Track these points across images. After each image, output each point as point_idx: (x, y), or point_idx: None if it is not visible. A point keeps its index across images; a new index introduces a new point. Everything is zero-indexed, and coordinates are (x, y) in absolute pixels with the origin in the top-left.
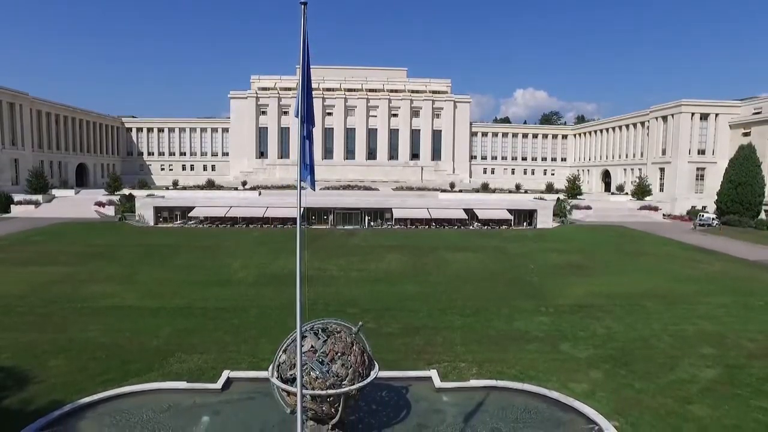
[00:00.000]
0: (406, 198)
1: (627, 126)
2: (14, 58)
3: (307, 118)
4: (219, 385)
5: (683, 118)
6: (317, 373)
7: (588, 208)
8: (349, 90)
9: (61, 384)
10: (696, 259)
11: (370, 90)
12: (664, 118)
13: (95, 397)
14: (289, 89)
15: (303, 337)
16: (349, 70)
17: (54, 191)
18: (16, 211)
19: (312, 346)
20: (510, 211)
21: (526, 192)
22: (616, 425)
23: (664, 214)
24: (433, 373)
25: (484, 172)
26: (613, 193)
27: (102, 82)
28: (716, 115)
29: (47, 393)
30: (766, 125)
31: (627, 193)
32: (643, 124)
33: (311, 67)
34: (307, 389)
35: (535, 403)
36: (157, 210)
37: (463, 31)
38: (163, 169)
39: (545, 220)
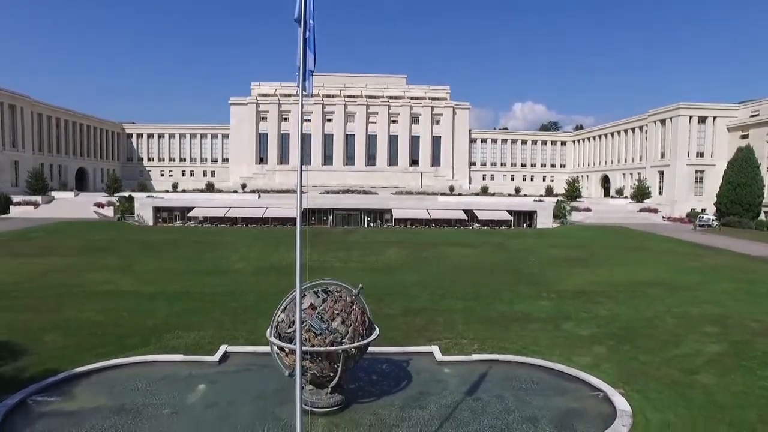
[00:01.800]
0: (405, 200)
1: (625, 131)
2: (16, 61)
3: (308, 21)
4: (216, 357)
5: (681, 121)
6: (317, 330)
7: (588, 210)
8: (349, 96)
9: (56, 356)
10: (697, 254)
11: (370, 96)
12: (663, 121)
13: (90, 366)
14: (289, 95)
15: (302, 296)
16: (349, 77)
17: (53, 193)
18: (14, 211)
19: (311, 304)
20: (510, 212)
21: (525, 196)
22: (621, 392)
23: (663, 217)
24: (434, 349)
25: (484, 178)
26: (612, 197)
27: (101, 87)
28: (714, 118)
29: (41, 363)
30: (764, 127)
31: (626, 197)
32: (641, 128)
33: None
34: (306, 346)
35: (538, 375)
36: (156, 210)
37: (462, 44)
38: (162, 175)
39: (545, 221)
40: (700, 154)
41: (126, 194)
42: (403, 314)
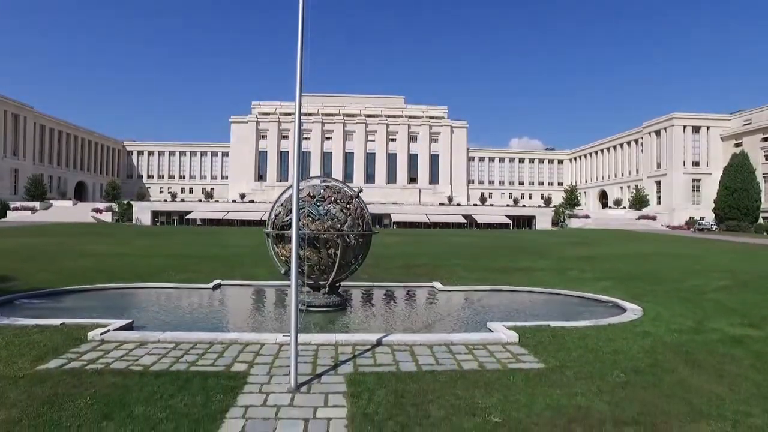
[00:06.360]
0: (404, 207)
1: (621, 145)
2: (21, 73)
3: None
4: (210, 285)
5: (676, 131)
6: (315, 215)
7: (586, 216)
8: (348, 115)
9: (46, 284)
10: (698, 243)
11: (369, 115)
12: (657, 132)
13: (79, 287)
14: (289, 114)
15: (301, 188)
16: (348, 97)
17: (52, 201)
18: (11, 216)
19: (309, 193)
20: (509, 217)
21: (524, 206)
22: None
23: (662, 225)
24: (435, 283)
25: (482, 195)
26: (610, 207)
27: (101, 104)
28: (708, 128)
29: (31, 286)
30: (757, 134)
31: (624, 207)
32: (637, 141)
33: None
34: (303, 231)
35: (544, 296)
36: (155, 214)
37: (460, 82)
38: (161, 192)
39: (544, 226)
40: (695, 163)
41: (125, 201)
42: (404, 267)
